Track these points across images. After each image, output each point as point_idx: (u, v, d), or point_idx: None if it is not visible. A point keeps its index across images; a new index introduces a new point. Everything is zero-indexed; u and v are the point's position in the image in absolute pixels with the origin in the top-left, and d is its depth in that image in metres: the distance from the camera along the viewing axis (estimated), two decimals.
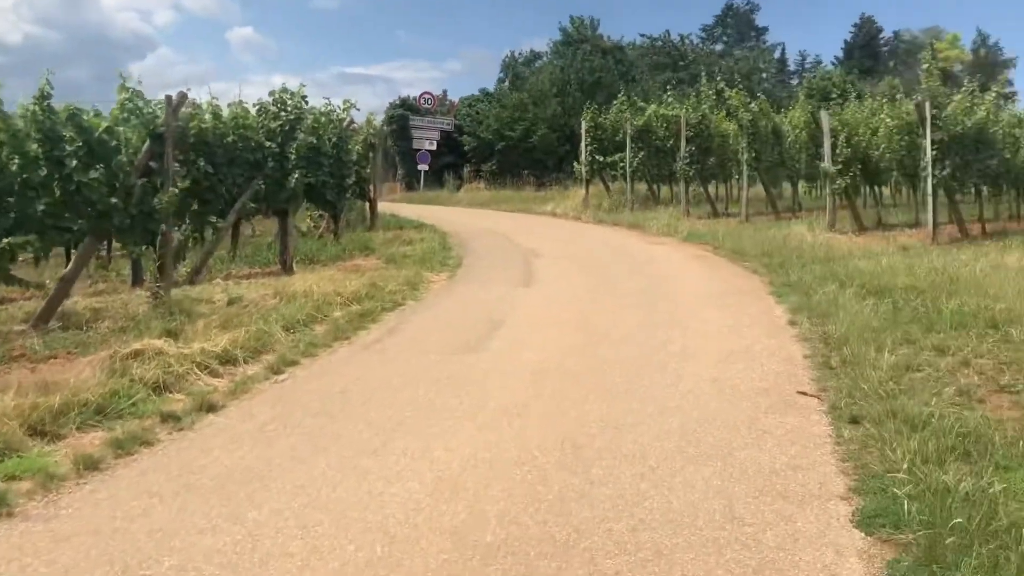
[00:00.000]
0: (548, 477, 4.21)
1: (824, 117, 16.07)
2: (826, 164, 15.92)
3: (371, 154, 16.86)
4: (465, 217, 22.85)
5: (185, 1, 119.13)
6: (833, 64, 61.28)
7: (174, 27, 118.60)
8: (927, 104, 13.56)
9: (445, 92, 53.22)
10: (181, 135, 9.59)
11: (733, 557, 3.37)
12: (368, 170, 16.65)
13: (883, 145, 16.20)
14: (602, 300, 9.40)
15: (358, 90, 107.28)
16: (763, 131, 19.16)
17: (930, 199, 13.81)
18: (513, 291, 10.07)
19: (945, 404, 5.10)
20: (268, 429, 5.04)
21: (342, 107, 14.51)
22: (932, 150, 13.56)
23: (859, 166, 16.10)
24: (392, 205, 29.72)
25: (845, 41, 71.60)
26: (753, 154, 18.76)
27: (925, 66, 15.28)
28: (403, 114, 38.68)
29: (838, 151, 15.96)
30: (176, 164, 9.08)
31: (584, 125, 25.04)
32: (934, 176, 13.60)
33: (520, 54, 58.36)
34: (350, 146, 14.34)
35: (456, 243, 15.40)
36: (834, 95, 21.06)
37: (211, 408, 5.41)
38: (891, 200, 21.17)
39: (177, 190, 8.79)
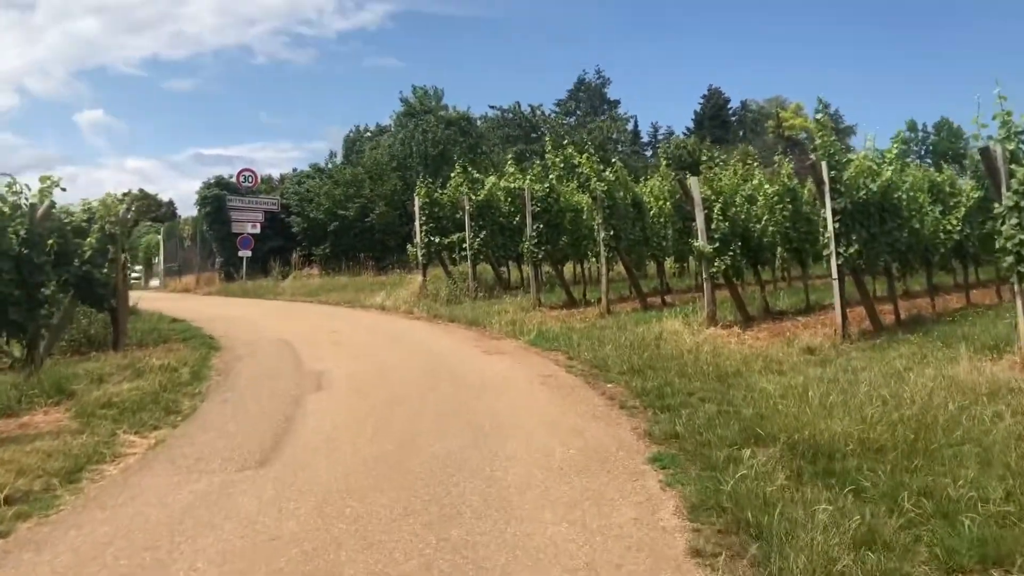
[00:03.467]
0: None
1: (694, 184, 12.97)
2: (700, 242, 12.78)
3: (111, 248, 12.47)
4: (269, 317, 18.55)
5: (29, 84, 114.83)
6: (685, 134, 61.02)
7: (17, 111, 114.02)
8: (824, 164, 10.59)
9: (294, 171, 48.85)
10: None
11: None
12: (105, 270, 12.23)
13: (764, 217, 13.29)
14: (382, 492, 5.47)
15: (217, 172, 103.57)
16: (621, 203, 15.99)
17: (835, 284, 10.72)
18: (237, 479, 6.00)
19: None
20: None
21: (38, 190, 10.35)
22: (834, 221, 10.59)
23: (739, 242, 13.05)
24: (200, 301, 25.45)
25: (695, 112, 73.00)
26: (611, 231, 15.52)
27: (778, 125, 12.50)
28: (219, 194, 33.92)
29: (713, 225, 12.91)
30: None
31: (417, 202, 21.46)
32: (839, 255, 10.60)
33: (366, 129, 55.08)
34: (51, 241, 10.05)
35: (221, 365, 11.19)
36: (703, 159, 18.34)
37: None
38: (770, 277, 18.20)
39: None
